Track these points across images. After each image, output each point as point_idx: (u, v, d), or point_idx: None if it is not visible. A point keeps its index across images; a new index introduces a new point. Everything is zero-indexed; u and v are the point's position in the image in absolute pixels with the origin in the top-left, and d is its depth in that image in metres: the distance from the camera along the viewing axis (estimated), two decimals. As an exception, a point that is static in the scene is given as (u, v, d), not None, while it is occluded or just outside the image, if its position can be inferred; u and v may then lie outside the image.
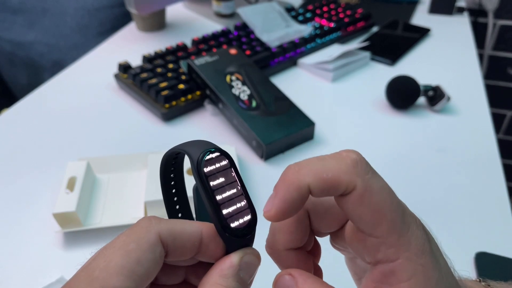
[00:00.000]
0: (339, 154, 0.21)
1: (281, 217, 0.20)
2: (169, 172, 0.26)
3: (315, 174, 0.20)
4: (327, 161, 0.20)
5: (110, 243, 0.20)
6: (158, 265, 0.20)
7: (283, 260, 0.24)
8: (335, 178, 0.20)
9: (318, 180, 0.20)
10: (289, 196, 0.20)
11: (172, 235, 0.21)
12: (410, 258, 0.19)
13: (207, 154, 0.22)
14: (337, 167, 0.20)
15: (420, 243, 0.20)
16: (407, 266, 0.19)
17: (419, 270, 0.19)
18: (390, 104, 0.71)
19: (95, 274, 0.18)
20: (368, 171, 0.20)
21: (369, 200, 0.19)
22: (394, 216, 0.20)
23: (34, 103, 0.75)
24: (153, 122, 0.69)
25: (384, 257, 0.20)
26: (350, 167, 0.20)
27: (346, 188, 0.20)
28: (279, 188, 0.20)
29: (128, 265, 0.19)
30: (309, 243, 0.25)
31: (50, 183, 0.56)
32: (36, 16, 1.21)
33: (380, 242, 0.20)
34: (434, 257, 0.20)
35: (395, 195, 0.20)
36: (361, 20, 0.97)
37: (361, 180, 0.20)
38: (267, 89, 0.66)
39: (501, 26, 1.26)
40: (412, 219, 0.20)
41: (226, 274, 0.21)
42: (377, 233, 0.20)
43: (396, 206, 0.20)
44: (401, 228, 0.20)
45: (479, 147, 0.62)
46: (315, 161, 0.20)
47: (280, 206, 0.20)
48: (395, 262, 0.20)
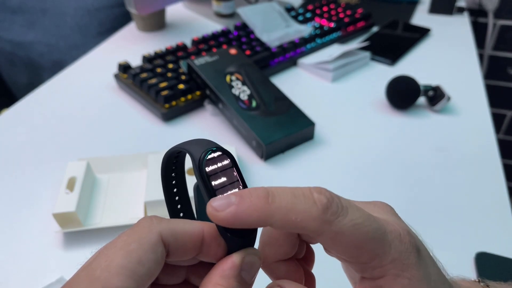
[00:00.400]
0: (311, 195, 0.20)
1: (224, 224, 0.20)
2: (170, 171, 0.26)
3: (285, 214, 0.19)
4: (299, 201, 0.20)
5: (111, 243, 0.20)
6: (159, 265, 0.20)
7: (274, 271, 0.24)
8: (303, 224, 0.19)
9: (285, 221, 0.19)
10: (246, 219, 0.19)
11: (174, 235, 0.20)
12: (396, 273, 0.20)
13: (208, 153, 0.22)
14: (307, 211, 0.19)
15: (404, 257, 0.20)
16: (393, 281, 0.20)
17: (405, 284, 0.20)
18: (390, 104, 0.71)
19: (96, 274, 0.18)
20: (339, 213, 0.20)
21: (341, 241, 0.20)
22: (372, 245, 0.20)
23: (34, 103, 0.75)
24: (153, 122, 0.69)
25: (370, 276, 0.21)
26: (320, 213, 0.19)
27: (313, 233, 0.20)
28: (242, 204, 0.19)
29: (130, 265, 0.19)
30: (301, 251, 0.26)
31: (50, 183, 0.56)
32: (36, 16, 1.21)
33: (364, 267, 0.20)
34: (421, 268, 0.20)
35: (371, 222, 0.20)
36: (361, 20, 0.97)
37: (330, 226, 0.19)
38: (267, 89, 0.66)
39: (501, 26, 1.26)
40: (394, 235, 0.21)
41: (228, 275, 0.21)
42: (359, 261, 0.20)
43: (374, 234, 0.20)
44: (383, 250, 0.20)
45: (479, 147, 0.62)
46: (288, 197, 0.20)
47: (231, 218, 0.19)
48: (383, 279, 0.20)
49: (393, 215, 0.23)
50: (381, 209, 0.24)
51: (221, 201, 0.19)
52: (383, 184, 0.56)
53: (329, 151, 0.62)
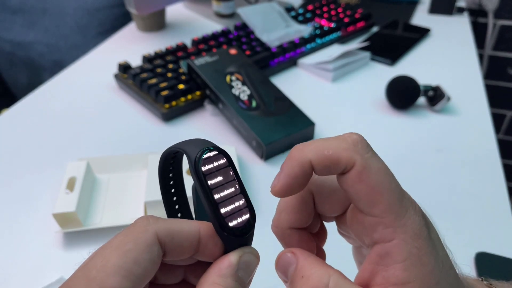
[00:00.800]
0: (342, 136, 0.21)
1: (285, 193, 0.22)
2: (167, 171, 0.26)
3: (317, 151, 0.21)
4: (330, 141, 0.21)
5: (108, 243, 0.20)
6: (155, 265, 0.20)
7: (287, 238, 0.25)
8: (335, 155, 0.20)
9: (319, 157, 0.21)
10: (293, 172, 0.21)
11: (170, 234, 0.20)
12: (406, 240, 0.20)
13: (205, 152, 0.22)
14: (338, 145, 0.21)
15: (416, 227, 0.20)
16: (402, 247, 0.20)
17: (414, 253, 0.19)
18: (390, 104, 0.71)
19: (92, 274, 0.18)
20: (368, 151, 0.21)
21: (367, 178, 0.20)
22: (391, 197, 0.20)
23: (34, 103, 0.75)
24: (153, 122, 0.69)
25: (380, 237, 0.20)
26: (351, 146, 0.21)
27: (346, 165, 0.20)
28: (284, 165, 0.21)
29: (126, 265, 0.19)
30: (315, 226, 0.26)
31: (50, 183, 0.56)
32: (36, 16, 1.21)
33: (377, 222, 0.20)
34: (431, 243, 0.20)
35: (394, 178, 0.21)
36: (361, 20, 0.97)
37: (360, 158, 0.20)
38: (267, 89, 0.66)
39: (501, 26, 1.26)
40: (410, 204, 0.21)
41: (224, 274, 0.21)
42: (374, 212, 0.20)
43: (394, 188, 0.20)
44: (398, 210, 0.20)
45: (479, 147, 0.62)
46: (319, 141, 0.21)
47: (284, 181, 0.21)
48: (391, 243, 0.20)
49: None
50: None
51: (276, 177, 0.22)
52: (383, 184, 0.56)
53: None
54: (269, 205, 0.25)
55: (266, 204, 0.51)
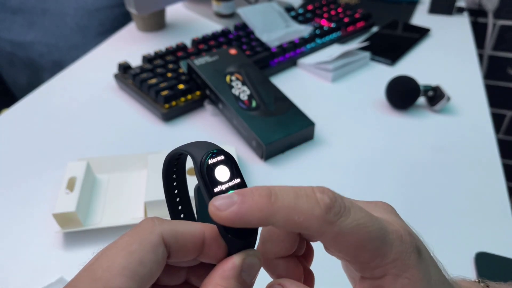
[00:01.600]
0: (314, 195, 0.20)
1: (227, 223, 0.20)
2: (171, 172, 0.26)
3: (287, 213, 0.19)
4: (301, 201, 0.20)
5: (113, 243, 0.20)
6: (160, 266, 0.20)
7: (274, 268, 0.24)
8: (305, 224, 0.19)
9: (288, 221, 0.19)
10: (249, 218, 0.19)
11: (175, 236, 0.21)
12: (396, 273, 0.20)
13: (210, 155, 0.22)
14: (309, 211, 0.19)
15: (405, 257, 0.20)
16: (394, 281, 0.20)
17: (405, 284, 0.20)
18: (390, 104, 0.71)
19: (98, 275, 0.18)
20: (342, 213, 0.20)
21: (343, 241, 0.20)
22: (373, 245, 0.20)
23: (34, 103, 0.75)
24: (153, 122, 0.69)
25: (371, 276, 0.21)
26: (323, 213, 0.19)
27: (315, 233, 0.20)
28: (244, 202, 0.19)
29: (131, 266, 0.19)
30: (301, 248, 0.26)
31: (50, 183, 0.56)
32: (36, 16, 1.21)
33: (365, 266, 0.21)
34: (422, 268, 0.21)
35: (373, 223, 0.20)
36: (361, 20, 0.97)
37: (331, 228, 0.20)
38: (267, 89, 0.66)
39: (501, 26, 1.26)
40: (395, 236, 0.21)
41: (228, 276, 0.21)
42: (360, 261, 0.20)
43: (375, 234, 0.20)
44: (384, 250, 0.20)
45: (479, 147, 0.62)
46: (291, 197, 0.20)
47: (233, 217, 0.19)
48: (383, 279, 0.20)
49: (394, 215, 0.23)
50: (382, 209, 0.24)
51: (223, 200, 0.19)
52: (383, 184, 0.56)
53: (329, 151, 0.62)
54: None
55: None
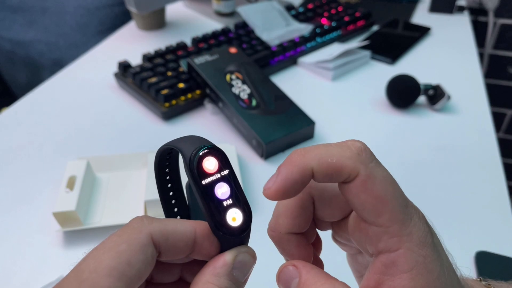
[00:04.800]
0: (345, 143, 0.21)
1: (279, 197, 0.21)
2: (163, 168, 0.26)
3: (320, 158, 0.20)
4: (333, 148, 0.21)
5: (101, 244, 0.20)
6: (149, 266, 0.20)
7: (284, 243, 0.24)
8: (339, 164, 0.20)
9: (322, 164, 0.20)
10: (292, 177, 0.20)
11: (164, 235, 0.20)
12: (412, 248, 0.19)
13: (200, 151, 0.21)
14: (341, 153, 0.20)
15: (422, 235, 0.20)
16: (408, 256, 0.19)
17: (420, 261, 0.19)
18: (390, 103, 0.71)
19: (85, 276, 0.18)
20: (372, 160, 0.20)
21: (371, 187, 0.20)
22: (396, 206, 0.20)
23: (34, 102, 0.74)
24: (153, 121, 0.69)
25: (385, 247, 0.20)
26: (355, 154, 0.20)
27: (349, 174, 0.20)
28: (283, 168, 0.21)
29: (119, 266, 0.18)
30: (311, 236, 0.25)
31: (50, 182, 0.56)
32: (36, 15, 1.21)
33: (382, 231, 0.20)
34: (436, 250, 0.20)
35: (398, 187, 0.21)
36: (361, 19, 0.97)
37: (364, 168, 0.20)
38: (267, 88, 0.66)
39: (502, 25, 1.26)
40: (414, 211, 0.21)
41: (219, 273, 0.21)
42: (379, 221, 0.20)
43: (399, 196, 0.20)
44: (403, 218, 0.20)
45: (479, 146, 0.62)
46: (321, 147, 0.21)
47: (280, 185, 0.20)
48: (397, 252, 0.19)
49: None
50: None
51: (271, 179, 0.21)
52: (383, 183, 0.56)
53: (329, 150, 0.62)
54: (268, 204, 0.24)
55: (265, 203, 0.51)
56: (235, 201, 0.22)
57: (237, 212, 0.21)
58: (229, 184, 0.22)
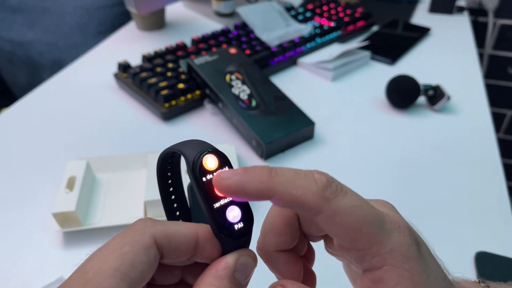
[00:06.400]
0: (312, 175, 0.20)
1: (228, 194, 0.20)
2: (165, 171, 0.26)
3: (286, 187, 0.20)
4: (300, 178, 0.20)
5: (105, 245, 0.20)
6: (152, 268, 0.20)
7: (273, 261, 0.24)
8: (302, 198, 0.20)
9: (285, 193, 0.20)
10: (249, 188, 0.20)
11: (167, 237, 0.21)
12: (395, 264, 0.20)
13: (203, 154, 0.21)
14: (307, 187, 0.20)
15: (404, 249, 0.20)
16: (392, 272, 0.20)
17: (405, 276, 0.20)
18: (390, 103, 0.71)
19: (89, 277, 0.18)
20: (338, 192, 0.20)
21: (340, 221, 0.20)
22: (370, 229, 0.20)
23: (34, 102, 0.74)
24: (153, 121, 0.69)
25: (369, 266, 0.20)
26: (320, 190, 0.20)
27: (311, 210, 0.20)
28: (247, 174, 0.20)
29: (122, 267, 0.19)
30: (302, 248, 0.26)
31: (50, 183, 0.56)
32: (36, 15, 1.21)
33: (363, 254, 0.20)
34: (421, 261, 0.20)
35: (369, 208, 0.20)
36: (361, 19, 0.97)
37: (328, 204, 0.20)
38: (267, 89, 0.66)
39: (501, 25, 1.26)
40: (393, 225, 0.21)
41: (221, 275, 0.21)
42: (357, 247, 0.20)
43: (372, 218, 0.20)
44: (381, 237, 0.20)
45: (479, 147, 0.62)
46: (290, 174, 0.20)
47: (235, 186, 0.20)
48: (381, 270, 0.20)
49: (394, 212, 0.23)
50: (382, 205, 0.24)
51: (228, 172, 0.20)
52: (383, 183, 0.56)
53: (329, 151, 0.62)
54: (268, 206, 0.24)
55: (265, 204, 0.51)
56: (237, 204, 0.22)
57: (239, 215, 0.22)
58: None
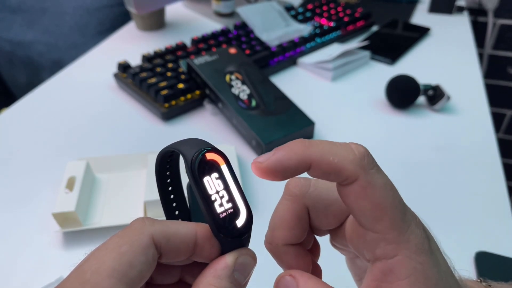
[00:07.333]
0: (349, 145, 0.21)
1: (266, 175, 0.21)
2: (164, 170, 0.26)
3: (323, 155, 0.20)
4: (337, 147, 0.20)
5: (103, 245, 0.20)
6: (151, 267, 0.20)
7: (282, 255, 0.24)
8: (340, 164, 0.20)
9: (323, 161, 0.20)
10: (287, 163, 0.20)
11: (166, 237, 0.20)
12: (409, 255, 0.19)
13: (201, 153, 0.21)
14: (345, 154, 0.20)
15: (419, 241, 0.20)
16: (406, 263, 0.19)
17: (418, 268, 0.19)
18: (390, 103, 0.71)
19: (87, 277, 0.18)
20: (373, 166, 0.20)
21: (371, 194, 0.20)
22: (395, 213, 0.20)
23: (34, 102, 0.74)
24: (153, 121, 0.68)
25: (383, 254, 0.20)
26: (357, 158, 0.20)
27: (348, 177, 0.20)
28: (281, 151, 0.20)
29: (120, 267, 0.18)
30: (309, 242, 0.25)
31: (50, 183, 0.56)
32: (36, 16, 1.21)
33: (380, 238, 0.20)
34: (433, 256, 0.20)
35: (397, 193, 0.20)
36: (361, 19, 0.97)
37: (364, 174, 0.20)
38: (266, 89, 0.66)
39: (501, 25, 1.26)
40: (412, 217, 0.20)
41: (220, 275, 0.21)
42: (377, 228, 0.20)
43: (398, 203, 0.20)
44: (402, 225, 0.20)
45: (479, 147, 0.62)
46: (325, 143, 0.21)
47: (272, 165, 0.20)
48: (394, 259, 0.20)
49: None
50: None
51: (263, 156, 0.21)
52: (383, 183, 0.56)
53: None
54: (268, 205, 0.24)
55: (265, 204, 0.51)
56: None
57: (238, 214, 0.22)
58: (231, 187, 0.22)
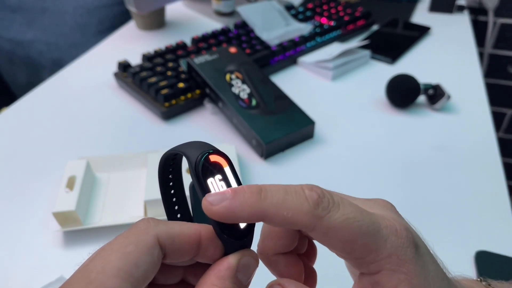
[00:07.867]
0: (302, 193, 0.20)
1: (218, 218, 0.20)
2: (167, 173, 0.26)
3: (276, 210, 0.20)
4: (290, 198, 0.20)
5: (108, 244, 0.20)
6: (155, 267, 0.20)
7: (273, 264, 0.25)
8: (294, 219, 0.20)
9: (277, 216, 0.20)
10: (240, 214, 0.20)
11: (170, 237, 0.21)
12: (393, 268, 0.20)
13: (205, 155, 0.22)
14: (298, 207, 0.20)
15: (401, 252, 0.20)
16: (390, 276, 0.20)
17: (402, 279, 0.20)
18: (390, 102, 0.71)
19: (92, 276, 0.18)
20: (330, 207, 0.20)
21: (333, 236, 0.20)
22: (365, 239, 0.20)
23: (34, 102, 0.74)
24: (153, 121, 0.68)
25: (367, 271, 0.21)
26: (311, 209, 0.20)
27: (304, 227, 0.20)
28: (235, 201, 0.20)
29: (126, 267, 0.19)
30: (302, 246, 0.26)
31: (50, 182, 0.56)
32: (36, 15, 1.21)
33: (360, 262, 0.21)
34: (419, 263, 0.20)
35: (364, 217, 0.20)
36: (361, 19, 0.97)
37: (321, 222, 0.20)
38: (267, 88, 0.66)
39: (501, 24, 1.26)
40: (390, 230, 0.21)
41: (223, 276, 0.21)
42: (353, 256, 0.20)
43: (367, 228, 0.20)
44: (377, 245, 0.20)
45: (479, 146, 0.62)
46: (280, 193, 0.20)
47: (224, 213, 0.20)
48: (379, 274, 0.20)
49: (393, 212, 0.23)
50: (381, 206, 0.24)
51: (216, 196, 0.20)
52: (383, 182, 0.56)
53: (329, 150, 0.62)
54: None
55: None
56: None
57: None
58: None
